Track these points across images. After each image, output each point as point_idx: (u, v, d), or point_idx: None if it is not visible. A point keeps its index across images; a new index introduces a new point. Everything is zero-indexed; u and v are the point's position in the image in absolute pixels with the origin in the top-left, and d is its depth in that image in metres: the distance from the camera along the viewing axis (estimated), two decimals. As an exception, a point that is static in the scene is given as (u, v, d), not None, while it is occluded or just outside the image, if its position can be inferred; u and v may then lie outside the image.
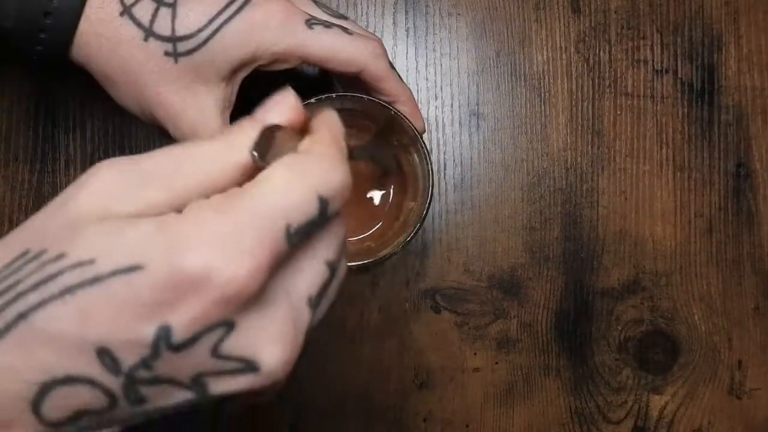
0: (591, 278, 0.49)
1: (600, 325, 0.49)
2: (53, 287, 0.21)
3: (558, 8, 0.49)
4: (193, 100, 0.38)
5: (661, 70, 0.49)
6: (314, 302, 0.24)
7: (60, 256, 0.21)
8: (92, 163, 0.48)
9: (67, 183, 0.48)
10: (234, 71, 0.38)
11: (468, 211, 0.49)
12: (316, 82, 0.49)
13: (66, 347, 0.21)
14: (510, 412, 0.49)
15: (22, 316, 0.21)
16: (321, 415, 0.48)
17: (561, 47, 0.49)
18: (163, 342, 0.21)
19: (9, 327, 0.21)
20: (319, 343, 0.48)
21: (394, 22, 0.49)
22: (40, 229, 0.22)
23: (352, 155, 0.27)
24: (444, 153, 0.49)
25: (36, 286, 0.21)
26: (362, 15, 0.49)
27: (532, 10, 0.49)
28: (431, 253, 0.49)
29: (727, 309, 0.49)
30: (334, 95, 0.39)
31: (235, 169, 0.23)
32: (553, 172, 0.49)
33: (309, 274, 0.24)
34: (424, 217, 0.40)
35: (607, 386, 0.49)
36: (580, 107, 0.49)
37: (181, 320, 0.21)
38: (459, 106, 0.49)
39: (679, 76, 0.49)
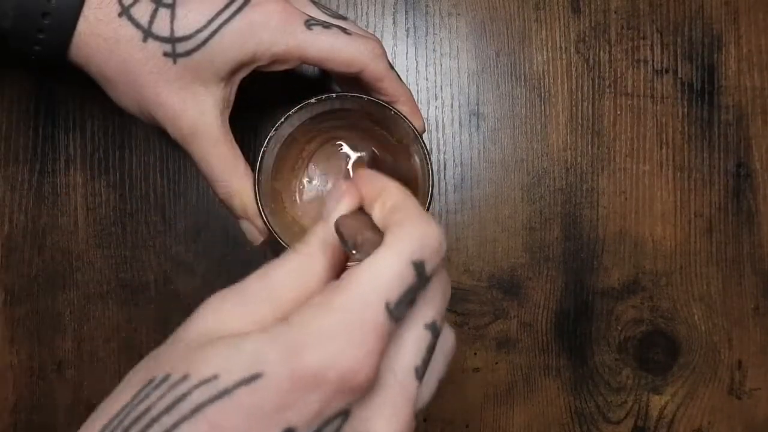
0: (591, 278, 0.49)
1: (600, 325, 0.49)
2: (184, 408, 0.22)
3: (558, 8, 0.49)
4: (192, 101, 0.38)
5: (661, 70, 0.49)
6: (420, 372, 0.24)
7: (184, 378, 0.22)
8: (92, 163, 0.48)
9: (67, 183, 0.48)
10: (233, 72, 0.38)
11: (468, 211, 0.49)
12: (315, 82, 0.49)
13: None
14: (510, 412, 0.49)
15: None
16: (321, 415, 0.48)
17: (561, 47, 0.49)
18: None
19: None
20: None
21: (394, 22, 0.49)
22: (161, 358, 0.23)
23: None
24: (444, 153, 0.49)
25: (168, 410, 0.22)
26: (362, 15, 0.49)
27: (532, 10, 0.49)
28: (431, 253, 0.49)
29: (727, 309, 0.49)
30: (334, 95, 0.39)
31: (321, 271, 0.25)
32: (553, 172, 0.49)
33: (411, 343, 0.24)
34: None
35: (607, 386, 0.49)
36: (580, 107, 0.49)
37: (303, 417, 0.22)
38: (459, 106, 0.49)
39: (679, 76, 0.49)
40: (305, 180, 0.45)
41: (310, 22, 0.38)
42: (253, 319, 0.23)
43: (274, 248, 0.40)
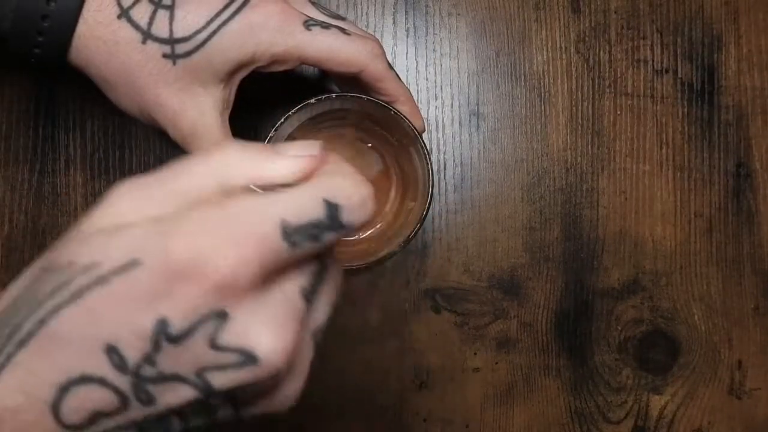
0: (591, 278, 0.49)
1: (600, 325, 0.49)
2: (66, 293, 0.22)
3: (558, 8, 0.49)
4: (192, 102, 0.38)
5: (661, 70, 0.49)
6: (308, 293, 0.24)
7: (70, 264, 0.23)
8: (92, 163, 0.48)
9: (67, 183, 0.48)
10: (232, 72, 0.38)
11: (468, 211, 0.49)
12: (315, 83, 0.49)
13: (79, 347, 0.22)
14: (510, 412, 0.49)
15: (41, 322, 0.22)
16: (321, 415, 0.48)
17: (561, 47, 0.49)
18: (162, 334, 0.22)
19: (31, 334, 0.22)
20: (319, 343, 0.48)
21: (394, 22, 0.49)
22: (56, 248, 0.24)
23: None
24: (444, 153, 0.49)
25: (51, 294, 0.22)
26: (362, 15, 0.49)
27: (532, 10, 0.49)
28: (431, 253, 0.49)
29: (727, 309, 0.49)
30: (333, 95, 0.39)
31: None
32: (553, 172, 0.49)
33: (297, 267, 0.24)
34: (424, 217, 0.40)
35: (607, 386, 0.49)
36: (580, 107, 0.49)
37: (177, 310, 0.22)
38: (459, 106, 0.49)
39: (679, 76, 0.49)
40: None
41: (309, 23, 0.38)
42: (147, 214, 0.23)
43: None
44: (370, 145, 0.45)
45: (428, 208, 0.40)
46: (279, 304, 0.23)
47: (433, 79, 0.49)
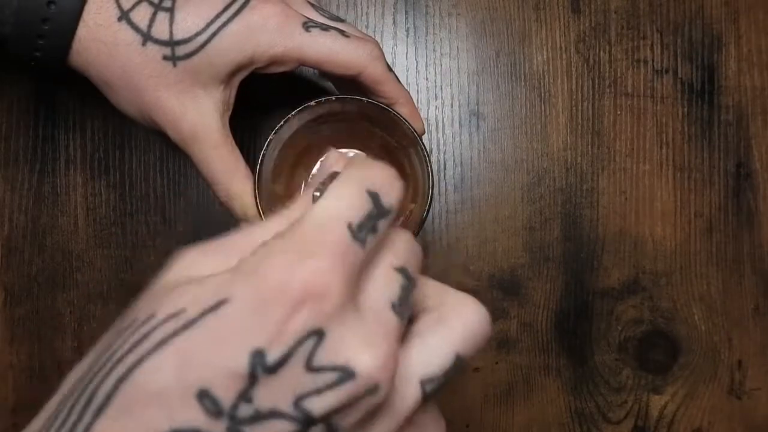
0: (591, 278, 0.49)
1: (600, 325, 0.49)
2: (148, 344, 0.21)
3: (558, 8, 0.49)
4: (192, 104, 0.38)
5: (661, 70, 0.49)
6: (398, 309, 0.24)
7: (150, 317, 0.22)
8: (92, 163, 0.48)
9: (67, 183, 0.48)
10: (232, 74, 0.38)
11: (468, 211, 0.49)
12: (315, 85, 0.49)
13: (168, 399, 0.21)
14: (510, 412, 0.49)
15: (122, 380, 0.21)
16: (321, 415, 0.48)
17: (561, 47, 0.49)
18: (259, 366, 0.21)
19: (110, 396, 0.21)
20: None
21: (394, 22, 0.49)
22: (132, 308, 0.23)
23: None
24: (444, 153, 0.49)
25: (131, 349, 0.21)
26: (362, 15, 0.49)
27: (532, 10, 0.49)
28: (431, 253, 0.49)
29: (727, 309, 0.49)
30: (333, 98, 0.39)
31: None
32: (553, 172, 0.49)
33: (382, 280, 0.24)
34: (425, 219, 0.40)
35: (607, 386, 0.49)
36: (580, 107, 0.49)
37: (272, 337, 0.21)
38: (459, 106, 0.49)
39: (679, 76, 0.49)
40: (305, 183, 0.45)
41: (308, 24, 0.38)
42: (222, 268, 0.22)
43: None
44: (369, 147, 0.45)
45: (428, 210, 0.40)
46: (370, 319, 0.23)
47: (433, 79, 0.49)
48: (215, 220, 0.48)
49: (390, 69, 0.40)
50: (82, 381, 0.22)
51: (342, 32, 0.38)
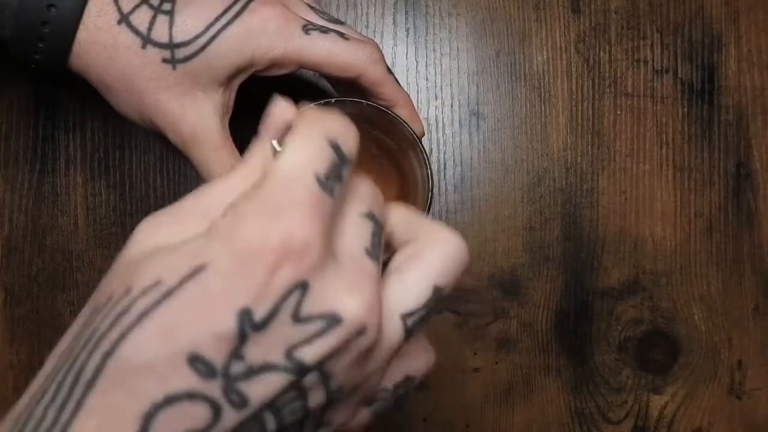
0: (591, 278, 0.49)
1: (600, 325, 0.49)
2: (129, 318, 0.21)
3: (558, 8, 0.49)
4: (192, 106, 0.38)
5: (661, 70, 0.49)
6: (372, 253, 0.24)
7: (126, 292, 0.22)
8: (92, 163, 0.48)
9: (68, 183, 0.48)
10: (232, 76, 0.38)
11: (468, 211, 0.49)
12: (315, 87, 0.49)
13: (158, 369, 0.21)
14: (510, 412, 0.49)
15: (107, 355, 0.21)
16: (321, 415, 0.48)
17: (561, 47, 0.49)
18: (247, 324, 0.21)
19: (98, 371, 0.21)
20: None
21: (394, 22, 0.49)
22: (102, 287, 0.23)
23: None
24: (444, 153, 0.49)
25: (112, 325, 0.21)
26: (362, 15, 0.49)
27: (532, 10, 0.49)
28: (431, 253, 0.49)
29: (727, 309, 0.49)
30: (332, 100, 0.39)
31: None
32: (553, 172, 0.49)
33: (353, 227, 0.24)
34: None
35: (607, 386, 0.49)
36: (580, 107, 0.49)
37: (257, 296, 0.21)
38: (459, 106, 0.49)
39: (679, 76, 0.49)
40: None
41: (307, 27, 0.38)
42: (189, 233, 0.23)
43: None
44: (368, 149, 0.45)
45: (428, 212, 0.40)
46: (349, 266, 0.23)
47: (433, 79, 0.49)
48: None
49: (390, 71, 0.40)
50: (65, 360, 0.22)
51: (341, 35, 0.39)
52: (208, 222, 0.23)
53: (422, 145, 0.40)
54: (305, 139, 0.23)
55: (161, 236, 0.23)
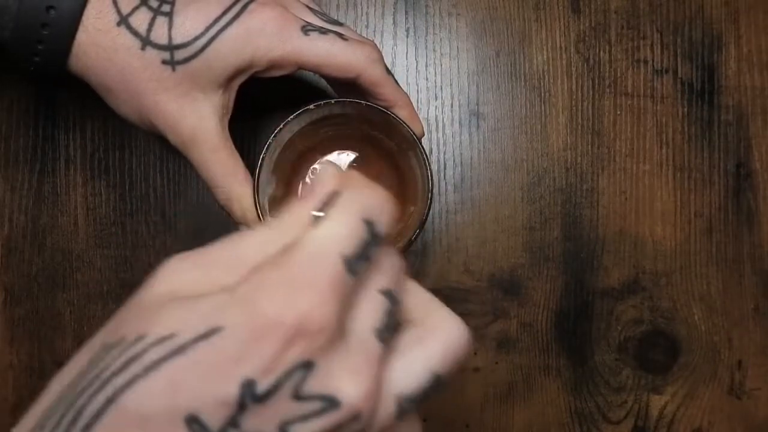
0: (591, 278, 0.49)
1: (600, 325, 0.49)
2: (138, 366, 0.21)
3: (558, 8, 0.49)
4: (191, 108, 0.38)
5: (661, 70, 0.49)
6: (382, 334, 0.24)
7: (140, 338, 0.21)
8: (92, 163, 0.48)
9: (67, 183, 0.48)
10: (231, 78, 0.38)
11: (468, 211, 0.49)
12: (315, 88, 0.49)
13: (156, 423, 0.21)
14: (510, 412, 0.49)
15: (110, 401, 0.21)
16: (321, 415, 0.48)
17: (561, 47, 0.49)
18: (248, 395, 0.21)
19: (99, 414, 0.21)
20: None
21: (394, 22, 0.49)
22: (117, 322, 0.23)
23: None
24: (444, 153, 0.49)
25: (121, 369, 0.21)
26: (362, 15, 0.49)
27: (532, 10, 0.49)
28: (431, 253, 0.49)
29: (727, 309, 0.49)
30: (333, 101, 0.39)
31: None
32: (553, 172, 0.49)
33: (368, 305, 0.24)
34: (424, 222, 0.40)
35: (607, 386, 0.49)
36: (580, 107, 0.49)
37: (263, 368, 0.21)
38: (459, 106, 0.49)
39: (679, 76, 0.49)
40: (302, 185, 0.45)
41: (306, 28, 0.38)
42: (212, 284, 0.23)
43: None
44: (368, 149, 0.45)
45: (428, 213, 0.40)
46: (355, 347, 0.23)
47: (433, 79, 0.49)
48: (215, 220, 0.48)
49: (389, 72, 0.40)
50: (67, 395, 0.22)
51: (340, 35, 0.39)
52: (233, 276, 0.23)
53: (422, 146, 0.40)
54: (342, 216, 0.24)
55: (185, 283, 0.23)
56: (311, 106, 0.39)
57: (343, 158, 0.45)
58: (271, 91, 0.45)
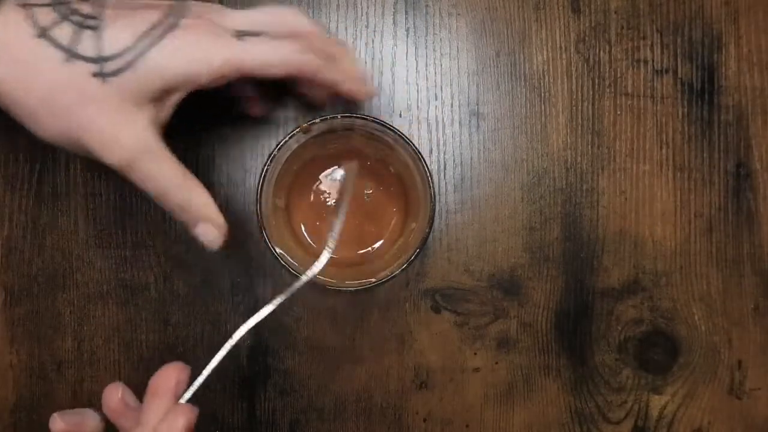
0: (591, 278, 0.49)
1: (600, 325, 0.49)
2: None
3: (558, 8, 0.49)
4: (127, 121, 0.36)
5: (661, 70, 0.49)
6: None
7: None
8: (92, 163, 0.48)
9: (68, 183, 0.48)
10: (166, 92, 0.37)
11: (468, 211, 0.49)
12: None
13: None
14: (510, 412, 0.49)
15: None
16: (321, 415, 0.48)
17: (561, 47, 0.49)
18: None
19: None
20: (319, 343, 0.48)
21: (394, 22, 0.49)
22: None
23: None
24: (444, 153, 0.49)
25: None
26: (362, 15, 0.49)
27: (532, 10, 0.49)
28: (431, 253, 0.49)
29: (727, 309, 0.49)
30: (338, 116, 0.40)
31: None
32: (553, 172, 0.49)
33: None
34: (425, 241, 0.40)
35: (607, 386, 0.49)
36: (580, 107, 0.49)
37: None
38: (459, 106, 0.49)
39: (679, 76, 0.49)
40: (307, 196, 0.45)
41: (240, 34, 0.37)
42: None
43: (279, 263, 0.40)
44: (370, 162, 0.45)
45: (429, 232, 0.40)
46: None
47: (433, 79, 0.49)
48: (215, 220, 0.48)
49: (326, 55, 0.39)
50: None
51: (271, 36, 0.38)
52: None
53: (426, 164, 0.40)
54: None
55: None
56: (316, 120, 0.39)
57: (346, 171, 0.45)
58: (273, 102, 0.45)
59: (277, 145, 0.39)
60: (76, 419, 0.38)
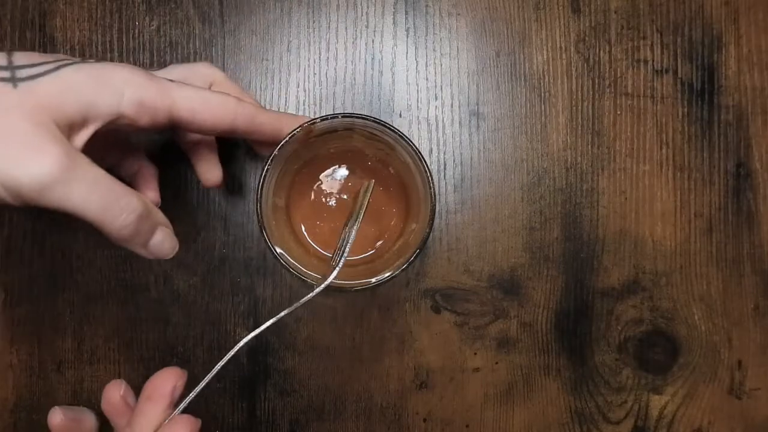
0: (591, 278, 0.49)
1: (600, 325, 0.49)
2: None
3: (558, 8, 0.49)
4: (48, 131, 0.31)
5: (661, 70, 0.49)
6: None
7: None
8: (92, 163, 0.48)
9: (67, 183, 0.48)
10: (86, 119, 0.33)
11: (468, 211, 0.49)
12: (314, 103, 0.49)
13: None
14: (510, 412, 0.49)
15: None
16: (321, 415, 0.48)
17: (561, 47, 0.49)
18: None
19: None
20: (319, 343, 0.48)
21: (394, 22, 0.49)
22: None
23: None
24: (444, 153, 0.49)
25: None
26: (362, 15, 0.49)
27: (532, 10, 0.49)
28: (431, 253, 0.49)
29: (727, 309, 0.49)
30: (339, 115, 0.40)
31: None
32: (553, 172, 0.49)
33: None
34: (425, 242, 0.40)
35: (607, 386, 0.49)
36: (580, 107, 0.49)
37: None
38: (459, 106, 0.49)
39: (679, 76, 0.49)
40: (307, 196, 0.45)
41: (172, 81, 0.36)
42: None
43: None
44: (370, 163, 0.45)
45: (429, 232, 0.40)
46: None
47: (433, 79, 0.49)
48: (215, 220, 0.48)
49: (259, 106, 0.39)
50: None
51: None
52: None
53: (427, 164, 0.40)
54: None
55: None
56: (317, 120, 0.39)
57: (346, 171, 0.45)
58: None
59: (278, 146, 0.39)
60: (74, 415, 0.39)
